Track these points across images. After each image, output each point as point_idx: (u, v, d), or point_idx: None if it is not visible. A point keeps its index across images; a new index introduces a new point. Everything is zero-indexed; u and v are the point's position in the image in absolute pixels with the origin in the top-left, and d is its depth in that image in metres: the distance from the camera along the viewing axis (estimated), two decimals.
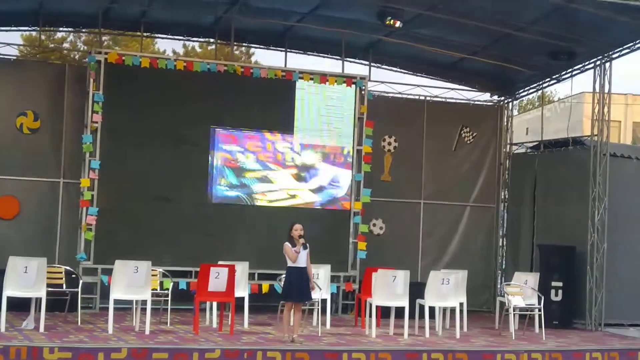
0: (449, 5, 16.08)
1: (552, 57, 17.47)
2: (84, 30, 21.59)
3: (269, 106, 17.62)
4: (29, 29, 19.65)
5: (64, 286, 14.30)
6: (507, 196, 20.64)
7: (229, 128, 17.40)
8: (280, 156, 17.79)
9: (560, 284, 17.19)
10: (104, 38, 23.33)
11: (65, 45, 28.41)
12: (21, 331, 12.60)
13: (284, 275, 13.22)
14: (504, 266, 20.38)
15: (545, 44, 17.08)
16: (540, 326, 15.27)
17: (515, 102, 21.57)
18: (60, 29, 22.16)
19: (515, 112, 22.15)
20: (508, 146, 20.76)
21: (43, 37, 24.31)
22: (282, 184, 17.82)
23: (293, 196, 17.91)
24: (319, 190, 18.07)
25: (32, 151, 17.09)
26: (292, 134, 17.77)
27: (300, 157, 17.93)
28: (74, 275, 15.13)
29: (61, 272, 14.41)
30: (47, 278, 13.24)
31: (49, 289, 13.28)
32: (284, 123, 17.70)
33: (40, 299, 12.87)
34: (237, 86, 17.44)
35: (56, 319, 14.13)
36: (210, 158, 17.30)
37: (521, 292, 15.52)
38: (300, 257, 12.74)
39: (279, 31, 18.63)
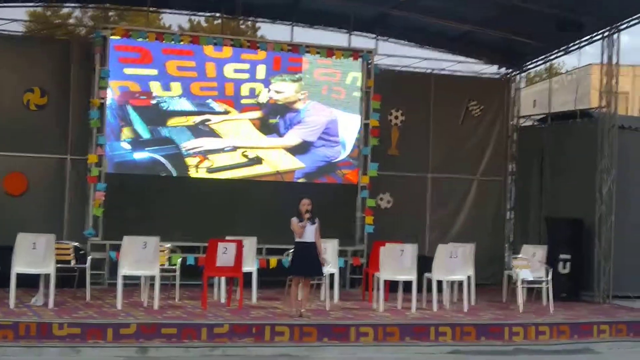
0: None
1: (560, 29, 17.33)
2: (90, 5, 21.50)
3: None
4: (35, 4, 19.61)
5: (73, 262, 14.36)
6: (514, 169, 20.59)
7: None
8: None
9: (568, 256, 17.19)
10: (110, 13, 23.28)
11: (71, 21, 28.33)
12: (30, 307, 12.67)
13: (292, 250, 13.24)
14: (511, 239, 20.37)
15: (553, 15, 16.95)
16: (548, 299, 15.27)
17: (522, 74, 21.46)
18: (66, 4, 22.06)
19: (522, 85, 22.02)
20: (515, 119, 20.69)
21: (49, 13, 24.25)
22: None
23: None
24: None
25: (39, 127, 17.08)
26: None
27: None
28: (82, 252, 15.20)
29: (70, 249, 14.47)
30: (56, 254, 13.30)
31: (58, 265, 13.33)
32: None
33: (49, 275, 12.94)
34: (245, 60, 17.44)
35: (65, 295, 14.19)
36: None
37: (529, 265, 15.51)
38: (307, 232, 12.76)
39: (286, 5, 18.53)
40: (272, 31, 20.89)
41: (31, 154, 17.02)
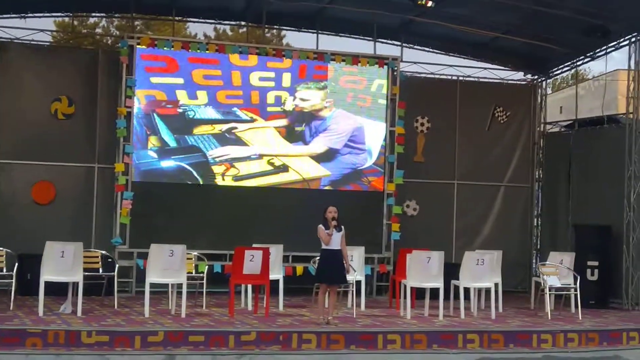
0: None
1: (586, 35, 17.26)
2: (116, 15, 21.64)
3: None
4: (62, 14, 19.74)
5: (101, 270, 14.42)
6: (541, 176, 20.50)
7: None
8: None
9: (596, 263, 17.07)
10: (136, 23, 23.41)
11: (98, 30, 28.52)
12: (59, 315, 12.73)
13: (318, 258, 13.24)
14: (539, 246, 20.28)
15: (579, 21, 16.89)
16: (576, 306, 15.17)
17: (548, 80, 21.41)
18: (93, 14, 22.21)
19: (549, 91, 21.96)
20: (542, 125, 20.61)
21: (76, 22, 24.41)
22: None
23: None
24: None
25: (67, 136, 17.21)
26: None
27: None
28: (110, 260, 15.25)
29: (97, 257, 14.53)
30: (84, 262, 13.35)
31: (86, 273, 13.40)
32: None
33: (78, 283, 12.99)
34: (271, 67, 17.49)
35: (93, 303, 14.26)
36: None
37: (557, 271, 15.44)
38: (333, 240, 12.74)
39: (311, 13, 18.57)
40: (298, 39, 20.97)
41: (59, 162, 17.14)
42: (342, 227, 12.88)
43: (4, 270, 13.77)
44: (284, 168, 17.60)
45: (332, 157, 17.87)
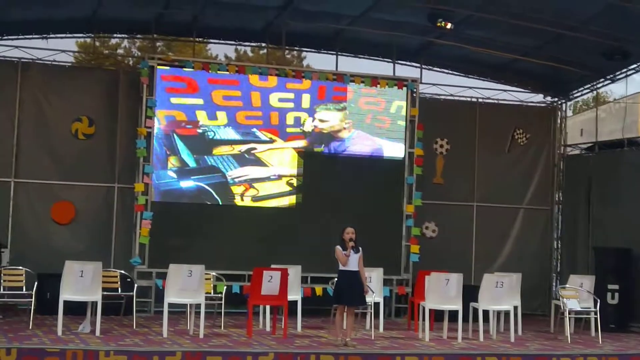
0: (500, 6, 16.00)
1: (606, 57, 17.25)
2: (138, 36, 21.81)
3: None
4: (84, 35, 19.91)
5: (120, 290, 14.46)
6: (561, 198, 20.43)
7: None
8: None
9: (616, 286, 16.98)
10: (157, 44, 23.56)
11: (120, 51, 28.74)
12: (78, 335, 12.75)
13: (336, 279, 13.21)
14: (559, 269, 20.19)
15: (599, 44, 16.89)
16: (596, 330, 15.07)
17: (569, 103, 21.38)
18: (114, 35, 22.41)
19: (570, 113, 21.93)
20: (562, 147, 20.56)
21: (97, 43, 24.60)
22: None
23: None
24: None
25: (87, 156, 17.32)
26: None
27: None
28: (129, 279, 15.29)
29: (116, 276, 14.57)
30: (103, 282, 13.37)
31: (105, 293, 13.41)
32: None
33: (96, 302, 13.00)
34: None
35: (112, 323, 14.28)
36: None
37: (577, 295, 15.35)
38: (351, 261, 12.72)
39: (330, 34, 18.65)
40: (318, 60, 21.05)
41: (79, 182, 17.25)
42: (360, 248, 12.86)
43: (24, 289, 13.84)
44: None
45: None
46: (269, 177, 17.49)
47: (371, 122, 18.04)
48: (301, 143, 17.68)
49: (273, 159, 17.51)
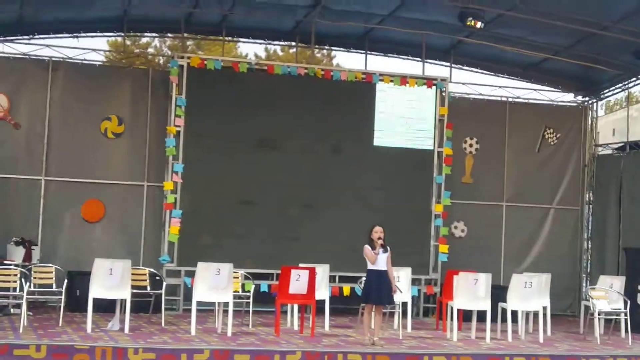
0: (530, 5, 15.90)
1: (638, 56, 17.11)
2: (168, 35, 21.90)
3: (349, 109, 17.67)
4: (114, 34, 20.03)
5: (148, 288, 14.49)
6: (591, 198, 20.29)
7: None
8: None
9: None
10: (188, 43, 23.65)
11: (150, 50, 28.88)
12: (106, 332, 12.82)
13: (364, 278, 13.20)
14: (589, 269, 20.05)
15: (631, 43, 16.75)
16: (626, 331, 14.94)
17: (600, 102, 21.25)
18: (145, 34, 22.51)
19: (601, 113, 21.81)
20: (593, 147, 20.42)
21: (128, 42, 24.75)
22: None
23: None
24: None
25: (117, 155, 17.44)
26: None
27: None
28: (157, 277, 15.33)
29: (145, 274, 14.61)
30: (132, 280, 13.43)
31: (134, 291, 13.46)
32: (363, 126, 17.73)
33: (125, 300, 13.07)
34: (317, 89, 17.52)
35: (140, 320, 14.36)
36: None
37: (606, 296, 15.23)
38: (379, 260, 12.70)
39: (359, 33, 18.64)
40: (347, 59, 21.06)
41: (108, 181, 17.35)
42: (388, 247, 12.84)
43: (54, 286, 13.91)
44: None
45: None
46: None
47: (400, 120, 17.97)
48: None
49: None
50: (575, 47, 18.08)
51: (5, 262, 14.79)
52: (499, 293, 14.73)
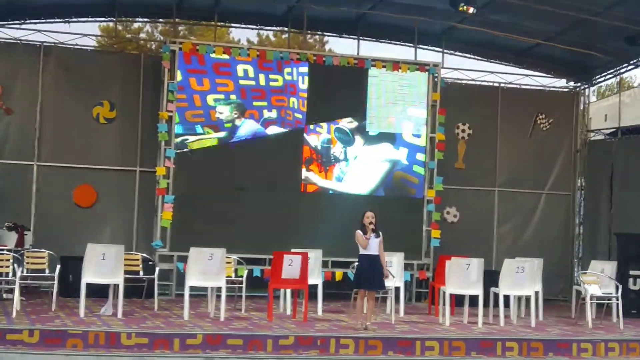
0: None
1: (629, 42, 17.13)
2: (160, 20, 21.84)
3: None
4: (106, 19, 19.97)
5: (141, 273, 14.52)
6: (583, 184, 20.33)
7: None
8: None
9: (638, 272, 16.81)
10: (180, 28, 23.58)
11: (142, 35, 28.79)
12: (100, 317, 12.83)
13: (357, 263, 13.22)
14: (580, 254, 20.12)
15: (622, 29, 16.78)
16: (617, 315, 14.98)
17: (592, 88, 21.25)
18: (137, 19, 22.45)
19: (593, 99, 21.82)
20: (585, 133, 20.45)
21: (120, 27, 24.68)
22: None
23: None
24: None
25: (109, 140, 17.41)
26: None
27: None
28: (150, 262, 15.36)
29: (138, 259, 14.63)
30: (125, 265, 13.42)
31: (127, 276, 13.47)
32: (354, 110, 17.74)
33: (118, 285, 13.08)
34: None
35: (133, 305, 14.36)
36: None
37: (598, 280, 15.28)
38: (371, 245, 12.73)
39: (352, 19, 18.61)
40: (339, 45, 21.00)
41: (100, 166, 17.33)
42: (380, 232, 12.86)
43: (47, 271, 13.91)
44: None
45: None
46: None
47: (392, 106, 17.97)
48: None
49: None
50: (568, 32, 18.09)
51: None
52: (491, 278, 14.78)
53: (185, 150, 16.80)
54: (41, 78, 17.13)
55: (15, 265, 13.30)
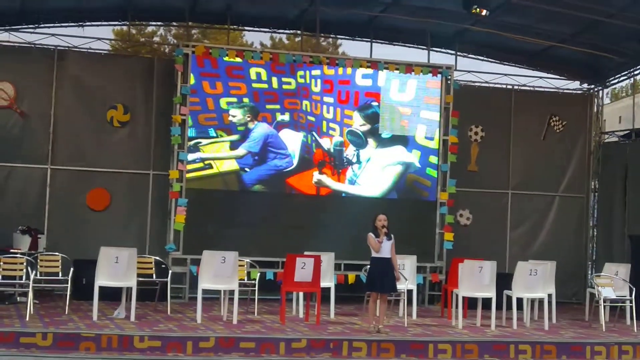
0: None
1: None
2: (173, 24, 21.88)
3: None
4: (120, 23, 20.04)
5: (154, 276, 14.54)
6: (597, 186, 20.27)
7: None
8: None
9: None
10: (193, 31, 23.63)
11: (156, 39, 28.85)
12: (112, 320, 12.87)
13: (369, 266, 13.22)
14: (594, 257, 20.05)
15: (636, 31, 16.73)
16: (631, 318, 14.95)
17: (605, 90, 21.18)
18: (150, 23, 22.50)
19: (607, 101, 21.75)
20: (599, 135, 20.39)
21: (134, 31, 24.76)
22: None
23: None
24: None
25: (122, 144, 17.45)
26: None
27: None
28: (163, 266, 15.39)
29: (151, 262, 14.66)
30: (138, 268, 13.48)
31: (140, 279, 13.51)
32: None
33: (131, 288, 13.12)
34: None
35: (146, 308, 14.40)
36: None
37: (612, 283, 15.23)
38: (383, 248, 12.73)
39: (364, 21, 18.62)
40: (353, 48, 21.02)
41: (114, 169, 17.37)
42: (392, 235, 12.85)
43: (60, 275, 13.99)
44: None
45: None
46: None
47: (405, 109, 17.97)
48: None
49: None
50: (581, 34, 18.05)
51: (11, 250, 14.82)
52: (504, 281, 14.76)
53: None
54: (55, 82, 17.20)
55: (29, 268, 13.34)
